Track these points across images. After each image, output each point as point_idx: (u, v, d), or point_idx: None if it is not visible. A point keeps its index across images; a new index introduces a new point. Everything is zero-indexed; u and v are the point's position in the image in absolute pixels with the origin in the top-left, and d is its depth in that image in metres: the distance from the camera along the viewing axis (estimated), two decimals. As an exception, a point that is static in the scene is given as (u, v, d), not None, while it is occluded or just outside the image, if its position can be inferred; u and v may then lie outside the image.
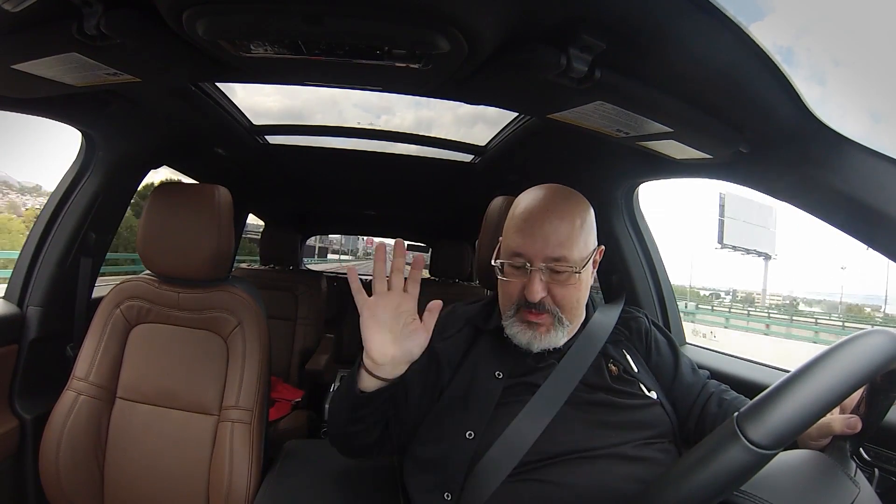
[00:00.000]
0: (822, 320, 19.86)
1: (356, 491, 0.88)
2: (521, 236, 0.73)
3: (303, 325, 2.14)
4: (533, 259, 0.71)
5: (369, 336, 0.65)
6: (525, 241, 0.72)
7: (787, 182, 0.77)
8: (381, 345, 0.65)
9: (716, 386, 0.82)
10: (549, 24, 0.58)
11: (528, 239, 0.72)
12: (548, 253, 0.71)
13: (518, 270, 0.73)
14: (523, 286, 0.72)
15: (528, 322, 0.73)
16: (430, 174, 1.83)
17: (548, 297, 0.72)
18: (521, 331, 0.73)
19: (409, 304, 0.66)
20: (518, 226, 0.75)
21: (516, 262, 0.73)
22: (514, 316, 0.74)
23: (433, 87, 0.79)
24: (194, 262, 1.04)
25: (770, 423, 0.42)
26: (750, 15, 5.18)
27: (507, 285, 0.75)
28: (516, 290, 0.74)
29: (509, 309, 0.75)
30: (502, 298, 0.77)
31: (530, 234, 0.72)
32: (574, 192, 0.79)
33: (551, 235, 0.71)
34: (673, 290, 1.35)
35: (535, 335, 0.73)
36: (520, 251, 0.73)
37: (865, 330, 0.47)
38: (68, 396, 1.00)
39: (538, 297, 0.71)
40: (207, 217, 1.04)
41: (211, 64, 0.73)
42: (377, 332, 0.64)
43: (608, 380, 0.75)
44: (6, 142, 34.08)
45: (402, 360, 0.66)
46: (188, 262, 1.04)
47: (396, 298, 0.65)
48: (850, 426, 0.54)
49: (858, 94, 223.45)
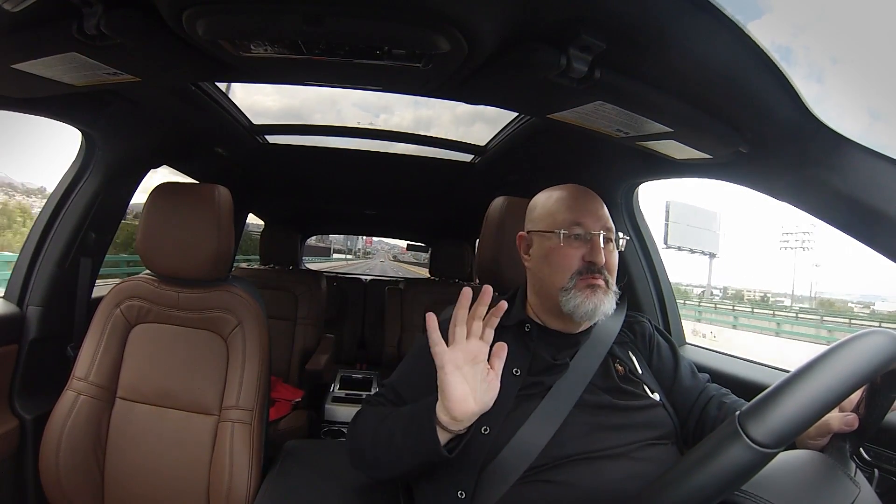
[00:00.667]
0: (782, 314, 21.60)
1: (356, 491, 0.88)
2: (577, 210, 0.78)
3: (303, 325, 2.14)
4: (592, 227, 0.77)
5: (453, 393, 0.61)
6: (581, 213, 0.78)
7: (787, 182, 0.77)
8: (464, 402, 0.61)
9: (716, 389, 0.82)
10: (549, 24, 0.58)
11: (584, 210, 0.78)
12: (602, 223, 0.78)
13: (577, 240, 0.77)
14: (582, 255, 0.76)
15: (590, 286, 0.75)
16: (430, 174, 1.83)
17: (605, 264, 0.77)
18: (585, 298, 0.74)
19: (485, 352, 0.63)
20: (568, 203, 0.80)
21: (575, 230, 0.77)
22: (574, 287, 0.76)
23: (433, 87, 0.79)
24: (194, 262, 1.04)
25: (772, 421, 0.43)
26: (748, 14, 5.18)
27: (567, 256, 0.77)
28: (576, 259, 0.76)
29: (568, 280, 0.76)
30: (558, 273, 0.77)
31: (584, 208, 0.79)
32: None
33: (600, 210, 0.79)
34: (673, 290, 1.35)
35: (599, 299, 0.75)
36: (579, 220, 0.77)
37: (865, 330, 0.47)
38: (68, 396, 1.00)
39: (604, 259, 0.75)
40: (207, 217, 1.04)
41: (211, 64, 0.73)
42: (459, 387, 0.61)
43: (616, 380, 0.76)
44: (5, 143, 34.05)
45: (479, 414, 0.64)
46: (188, 262, 1.04)
47: (475, 347, 0.63)
48: (848, 423, 0.54)
49: (857, 91, 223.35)
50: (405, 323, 2.21)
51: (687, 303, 24.88)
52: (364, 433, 0.76)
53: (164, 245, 1.04)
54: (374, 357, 2.83)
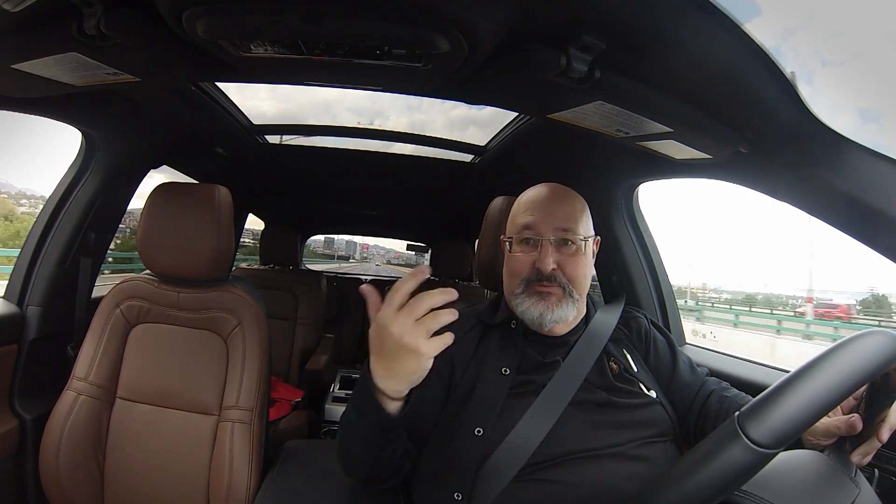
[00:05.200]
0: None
1: (356, 491, 0.88)
2: (530, 213, 0.76)
3: (303, 325, 2.14)
4: (543, 231, 0.74)
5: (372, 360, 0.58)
6: (534, 217, 0.75)
7: (787, 182, 0.77)
8: (385, 379, 0.59)
9: (716, 383, 0.82)
10: (549, 24, 0.58)
11: (537, 214, 0.75)
12: (557, 224, 0.74)
13: (527, 246, 0.74)
14: (533, 261, 0.73)
15: (538, 293, 0.72)
16: (431, 174, 1.83)
17: (558, 270, 0.73)
18: (532, 304, 0.72)
19: (412, 333, 0.53)
20: (526, 206, 0.77)
21: (525, 234, 0.75)
22: (524, 292, 0.74)
23: (433, 87, 0.79)
24: (194, 262, 1.04)
25: (771, 422, 0.43)
26: (744, 15, 5.14)
27: (517, 262, 0.75)
28: (526, 266, 0.74)
29: (518, 287, 0.75)
30: (510, 279, 0.77)
31: (539, 210, 0.76)
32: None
33: (558, 210, 0.75)
34: (673, 290, 1.35)
35: (546, 306, 0.72)
36: (529, 224, 0.75)
37: (866, 330, 0.47)
38: (68, 396, 1.00)
39: (550, 267, 0.72)
40: (207, 217, 1.04)
41: (211, 64, 0.73)
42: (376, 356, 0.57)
43: (610, 378, 0.75)
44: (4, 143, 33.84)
45: (404, 386, 0.59)
46: (188, 262, 1.04)
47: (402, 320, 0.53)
48: (852, 426, 0.54)
49: (847, 93, 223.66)
50: (405, 323, 2.20)
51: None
52: (341, 432, 0.72)
53: (164, 245, 1.04)
54: None
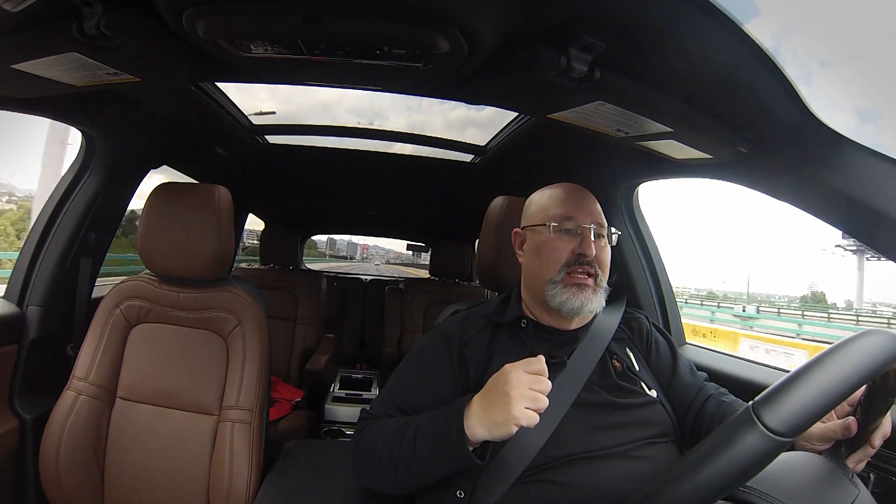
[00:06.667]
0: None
1: (356, 491, 0.88)
2: (568, 205, 0.80)
3: (303, 325, 2.14)
4: (583, 221, 0.79)
5: (511, 414, 0.60)
6: (572, 208, 0.80)
7: (787, 182, 0.77)
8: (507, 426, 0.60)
9: (714, 388, 0.82)
10: (549, 24, 0.58)
11: (575, 205, 0.80)
12: (592, 218, 0.79)
13: (567, 234, 0.78)
14: (572, 248, 0.77)
15: (577, 285, 0.76)
16: (431, 174, 1.83)
17: (594, 257, 0.78)
18: (571, 296, 0.76)
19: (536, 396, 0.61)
20: (561, 198, 0.82)
21: (566, 224, 0.79)
22: (561, 282, 0.77)
23: (433, 86, 0.79)
24: (194, 262, 1.04)
25: (786, 409, 0.43)
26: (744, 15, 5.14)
27: (556, 249, 0.78)
28: (566, 252, 0.78)
29: (556, 274, 0.77)
30: (546, 266, 0.78)
31: (576, 203, 0.81)
32: None
33: (592, 206, 0.82)
34: (673, 290, 1.35)
35: (586, 297, 0.76)
36: (570, 215, 0.79)
37: (868, 330, 0.48)
38: (68, 396, 1.00)
39: (594, 252, 0.77)
40: (207, 217, 1.04)
41: (211, 64, 0.73)
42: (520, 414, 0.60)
43: (613, 377, 0.76)
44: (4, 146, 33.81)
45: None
46: (188, 262, 1.04)
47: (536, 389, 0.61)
48: (848, 429, 0.55)
49: (844, 94, 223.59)
50: (405, 323, 2.21)
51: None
52: (376, 448, 0.73)
53: (164, 245, 1.04)
54: (374, 357, 2.82)
